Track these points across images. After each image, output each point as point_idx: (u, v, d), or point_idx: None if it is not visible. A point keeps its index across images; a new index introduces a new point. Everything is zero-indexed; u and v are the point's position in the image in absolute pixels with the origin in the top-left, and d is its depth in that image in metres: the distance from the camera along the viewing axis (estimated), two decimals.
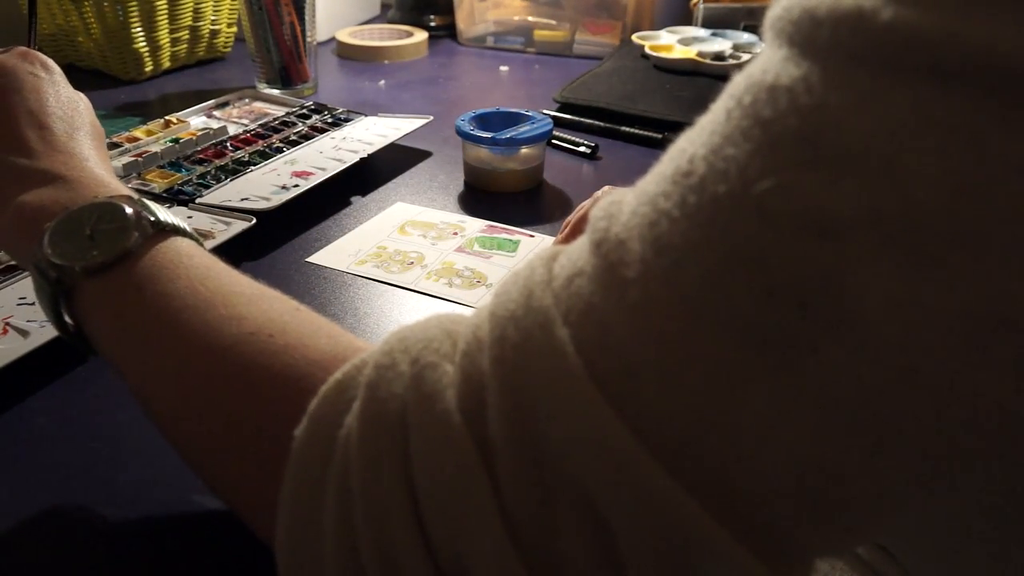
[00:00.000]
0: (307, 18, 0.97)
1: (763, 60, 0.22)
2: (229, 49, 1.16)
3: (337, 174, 0.71)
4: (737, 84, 0.22)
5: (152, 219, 0.35)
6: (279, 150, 0.77)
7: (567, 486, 0.22)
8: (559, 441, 0.22)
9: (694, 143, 0.23)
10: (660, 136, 0.84)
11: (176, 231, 0.36)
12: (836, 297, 0.19)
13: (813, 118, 0.20)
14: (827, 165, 0.19)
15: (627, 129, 0.87)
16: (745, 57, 1.00)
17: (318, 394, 0.27)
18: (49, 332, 0.48)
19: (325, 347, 0.30)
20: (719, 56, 1.01)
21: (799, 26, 0.20)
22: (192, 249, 0.36)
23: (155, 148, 0.75)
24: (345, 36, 1.20)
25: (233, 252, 0.48)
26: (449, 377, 0.25)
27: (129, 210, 0.35)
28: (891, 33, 0.18)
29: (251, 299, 0.33)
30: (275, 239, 0.65)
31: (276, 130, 0.81)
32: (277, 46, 0.96)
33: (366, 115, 0.86)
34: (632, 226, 0.23)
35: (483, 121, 0.76)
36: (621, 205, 0.24)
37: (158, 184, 0.69)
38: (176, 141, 0.77)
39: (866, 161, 0.19)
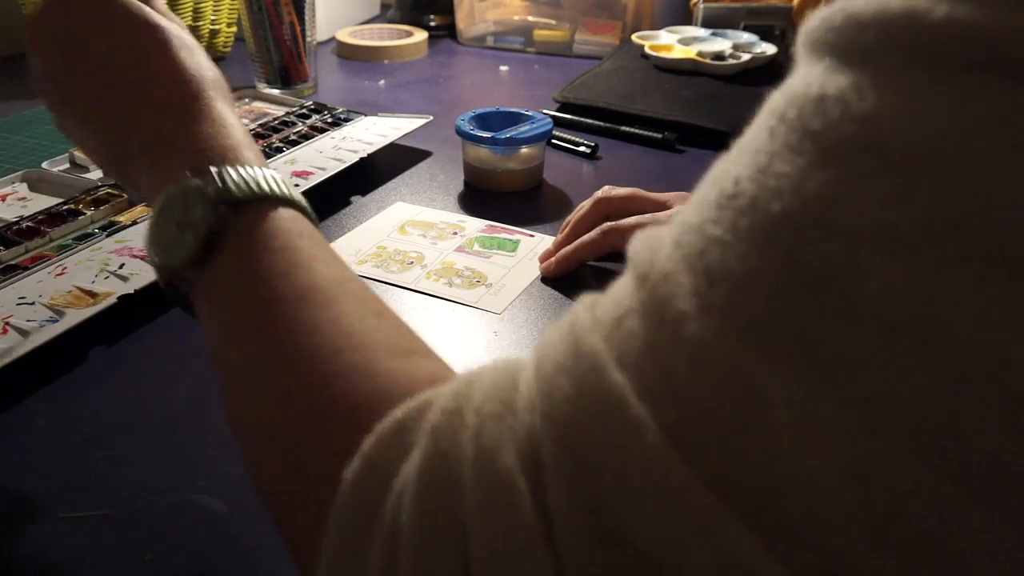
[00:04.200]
0: (307, 18, 0.97)
1: (802, 75, 0.21)
2: (229, 49, 1.16)
3: (337, 174, 0.71)
4: (776, 101, 0.21)
5: (229, 197, 0.32)
6: (279, 150, 0.77)
7: (638, 558, 0.20)
8: (626, 502, 0.20)
9: (736, 165, 0.21)
10: (660, 136, 0.84)
11: (263, 198, 0.33)
12: (917, 317, 0.18)
13: (870, 124, 0.19)
14: (891, 173, 0.18)
15: (627, 129, 0.87)
16: (745, 57, 1.00)
17: (374, 432, 0.25)
18: (49, 332, 0.48)
19: (396, 372, 0.28)
20: (719, 56, 1.01)
21: (842, 32, 0.20)
22: (275, 230, 0.32)
23: None
24: (345, 36, 1.19)
25: None
26: (511, 431, 0.22)
27: (199, 195, 0.32)
28: (948, 30, 0.18)
29: (327, 301, 0.30)
30: None
31: (276, 130, 0.81)
32: (277, 46, 0.96)
33: (366, 115, 0.86)
34: (678, 258, 0.21)
35: (483, 121, 0.76)
36: (659, 238, 0.23)
37: None
38: None
39: (934, 166, 0.18)
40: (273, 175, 0.34)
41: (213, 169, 0.33)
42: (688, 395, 0.20)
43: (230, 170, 0.33)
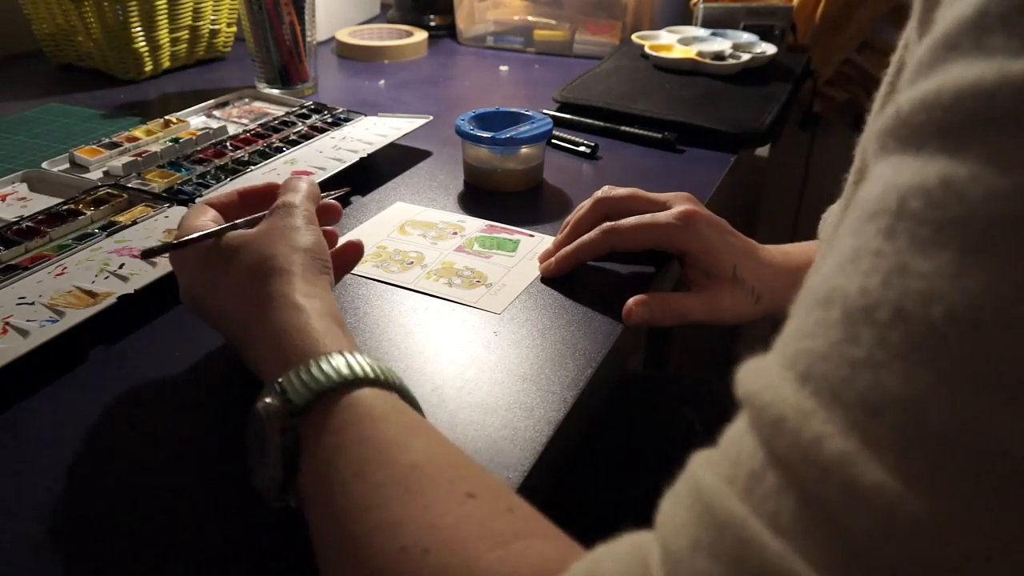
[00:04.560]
0: (307, 18, 0.97)
1: (903, 166, 0.19)
2: (229, 49, 1.16)
3: (337, 174, 0.71)
4: (877, 199, 0.19)
5: (293, 408, 0.32)
6: (279, 150, 0.77)
7: None
8: None
9: (847, 276, 0.19)
10: (660, 136, 0.84)
11: (332, 388, 0.32)
12: None
13: None
14: None
15: (627, 129, 0.87)
16: (745, 57, 0.99)
17: None
18: (49, 332, 0.48)
19: (497, 566, 0.25)
20: (719, 56, 1.01)
21: (955, 111, 0.18)
22: (346, 423, 0.31)
23: (155, 148, 0.75)
24: (345, 36, 1.20)
25: None
26: None
27: (272, 414, 0.32)
28: None
29: (408, 493, 0.28)
30: None
31: (276, 130, 0.81)
32: (277, 46, 0.96)
33: (366, 115, 0.86)
34: (813, 391, 0.19)
35: (483, 121, 0.76)
36: (770, 372, 0.20)
37: (158, 184, 0.69)
38: (176, 141, 0.77)
39: None
40: (346, 360, 0.33)
41: (278, 383, 0.33)
42: (880, 561, 0.16)
43: (293, 376, 0.33)
